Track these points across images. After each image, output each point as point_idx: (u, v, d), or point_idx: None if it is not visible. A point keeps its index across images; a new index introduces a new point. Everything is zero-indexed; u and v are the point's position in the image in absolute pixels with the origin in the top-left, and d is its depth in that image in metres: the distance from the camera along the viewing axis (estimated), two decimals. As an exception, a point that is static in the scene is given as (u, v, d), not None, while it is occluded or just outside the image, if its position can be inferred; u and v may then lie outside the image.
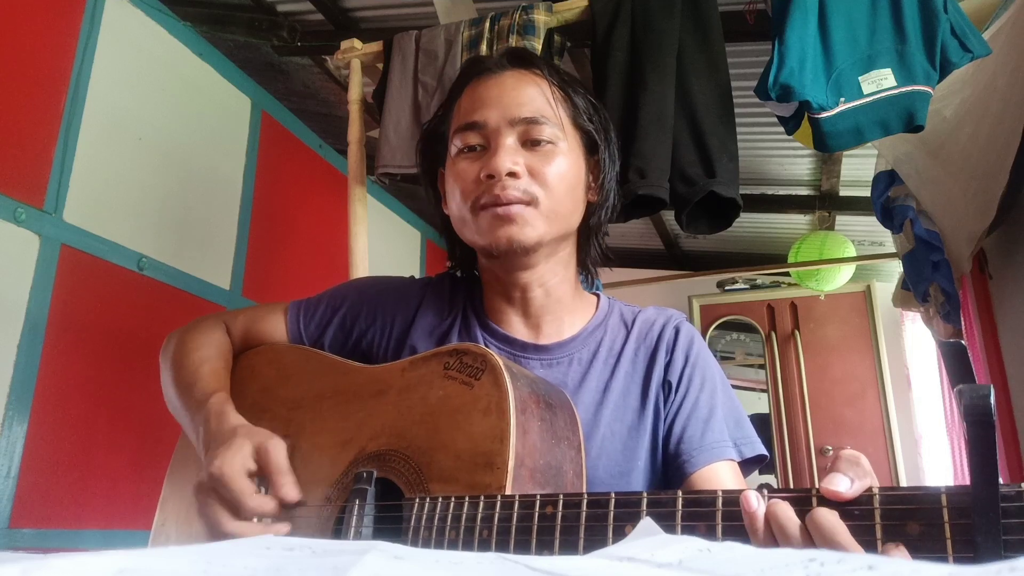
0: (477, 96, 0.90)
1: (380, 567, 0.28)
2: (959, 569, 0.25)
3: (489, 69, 0.92)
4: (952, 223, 1.91)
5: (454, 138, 0.90)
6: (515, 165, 0.84)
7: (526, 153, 0.86)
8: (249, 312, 1.05)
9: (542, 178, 0.85)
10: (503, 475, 0.68)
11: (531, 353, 0.91)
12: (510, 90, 0.88)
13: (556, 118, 0.88)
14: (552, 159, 0.86)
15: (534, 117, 0.86)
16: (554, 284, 0.92)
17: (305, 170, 2.84)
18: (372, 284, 1.05)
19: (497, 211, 0.84)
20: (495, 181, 0.84)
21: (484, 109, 0.88)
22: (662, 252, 3.84)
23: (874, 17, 1.33)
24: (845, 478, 0.51)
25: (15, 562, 0.25)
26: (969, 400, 0.47)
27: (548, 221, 0.86)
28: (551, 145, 0.87)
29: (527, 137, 0.86)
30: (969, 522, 0.46)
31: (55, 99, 1.83)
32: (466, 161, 0.88)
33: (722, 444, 0.85)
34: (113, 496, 1.88)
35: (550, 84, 0.90)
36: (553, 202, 0.86)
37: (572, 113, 0.91)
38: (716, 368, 0.93)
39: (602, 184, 0.94)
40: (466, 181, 0.87)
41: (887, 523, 0.49)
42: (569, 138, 0.89)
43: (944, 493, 0.48)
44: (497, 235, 0.84)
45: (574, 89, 0.92)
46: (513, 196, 0.83)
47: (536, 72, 0.91)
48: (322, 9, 2.27)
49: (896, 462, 3.37)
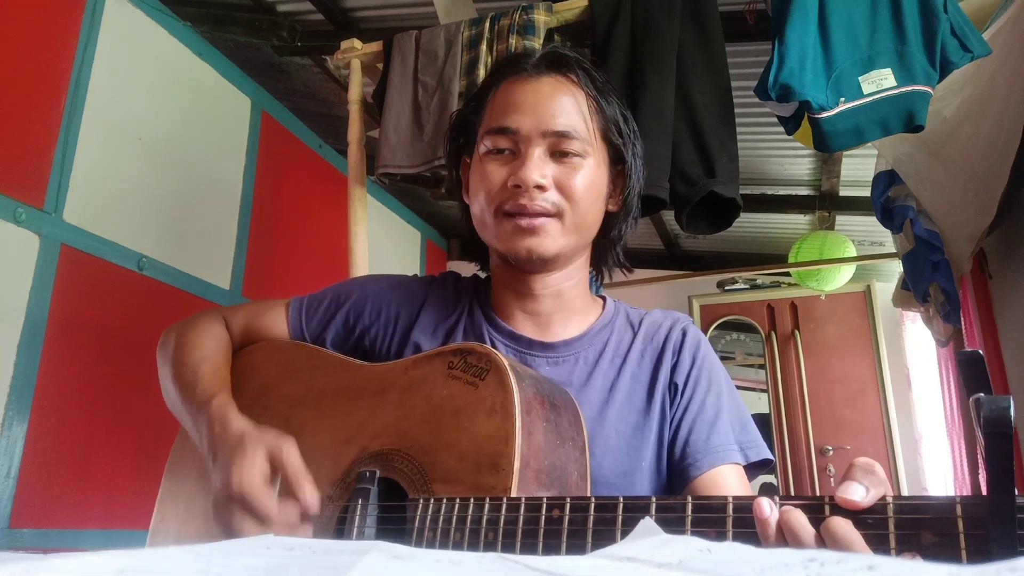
0: (511, 99, 0.89)
1: (380, 567, 0.28)
2: (959, 569, 0.25)
3: (526, 71, 0.91)
4: (952, 223, 1.91)
5: (484, 138, 0.90)
6: (543, 178, 0.84)
7: (554, 165, 0.86)
8: (249, 308, 1.04)
9: (569, 191, 0.85)
10: (508, 477, 0.67)
11: (537, 351, 0.91)
12: (545, 98, 0.88)
13: (587, 132, 0.88)
14: (579, 172, 0.86)
15: (566, 131, 0.86)
16: (566, 288, 0.93)
17: (305, 170, 2.84)
18: (375, 281, 1.04)
19: (521, 223, 0.84)
20: (522, 191, 0.84)
21: (517, 115, 0.87)
22: (662, 252, 3.84)
23: (874, 17, 1.33)
24: (861, 487, 0.51)
25: (15, 562, 0.25)
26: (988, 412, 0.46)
27: (569, 234, 0.86)
28: (579, 159, 0.87)
29: (556, 148, 0.86)
30: (984, 532, 0.46)
31: (55, 99, 1.83)
32: (494, 163, 0.88)
33: (727, 448, 0.85)
34: (113, 496, 1.88)
35: (585, 94, 0.90)
36: (577, 215, 0.86)
37: (603, 127, 0.90)
38: (722, 371, 0.93)
39: (626, 196, 0.93)
40: (492, 184, 0.87)
41: (901, 532, 0.49)
42: (597, 151, 0.89)
43: (959, 503, 0.48)
44: (518, 245, 0.85)
45: (607, 99, 0.92)
46: (539, 208, 0.84)
47: (572, 79, 0.90)
48: (322, 9, 2.27)
49: (896, 462, 3.36)
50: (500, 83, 0.92)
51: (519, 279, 0.92)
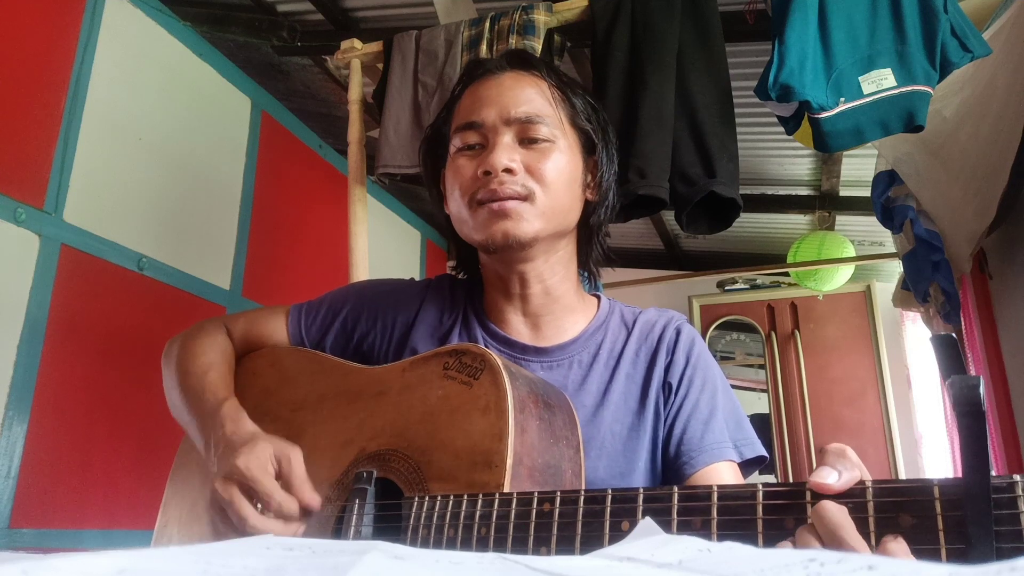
0: (476, 96, 0.91)
1: (380, 567, 0.28)
2: (959, 569, 0.25)
3: (489, 71, 0.93)
4: (952, 223, 1.91)
5: (453, 137, 0.91)
6: (511, 162, 0.85)
7: (523, 151, 0.87)
8: (250, 315, 1.05)
9: (539, 174, 0.86)
10: (501, 473, 0.68)
11: (531, 355, 0.92)
12: (508, 90, 0.89)
13: (554, 117, 0.89)
14: (548, 156, 0.87)
15: (531, 116, 0.87)
16: (554, 283, 0.93)
17: (305, 170, 2.84)
18: (373, 287, 1.05)
19: (493, 206, 0.85)
20: (492, 177, 0.85)
21: (482, 108, 0.89)
22: (662, 252, 3.84)
23: (874, 17, 1.33)
24: (833, 471, 0.51)
25: (15, 562, 0.26)
26: (959, 391, 0.47)
27: (544, 217, 0.86)
28: (548, 143, 0.88)
29: (524, 135, 0.87)
30: (961, 514, 0.46)
31: (55, 99, 1.83)
32: (464, 159, 0.89)
33: (722, 445, 0.85)
34: (113, 496, 1.88)
35: (549, 85, 0.91)
36: (549, 198, 0.86)
37: (570, 113, 0.92)
38: (716, 369, 0.93)
39: (600, 182, 0.94)
40: (464, 178, 0.88)
41: (880, 515, 0.49)
42: (567, 137, 0.90)
43: (936, 485, 0.48)
44: (493, 230, 0.85)
45: (573, 90, 0.94)
46: (509, 191, 0.84)
47: (535, 73, 0.92)
48: (322, 9, 2.27)
49: (896, 462, 3.36)
50: (465, 88, 0.95)
51: (505, 272, 0.92)
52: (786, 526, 0.52)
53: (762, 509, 0.53)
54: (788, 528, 0.52)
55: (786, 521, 0.52)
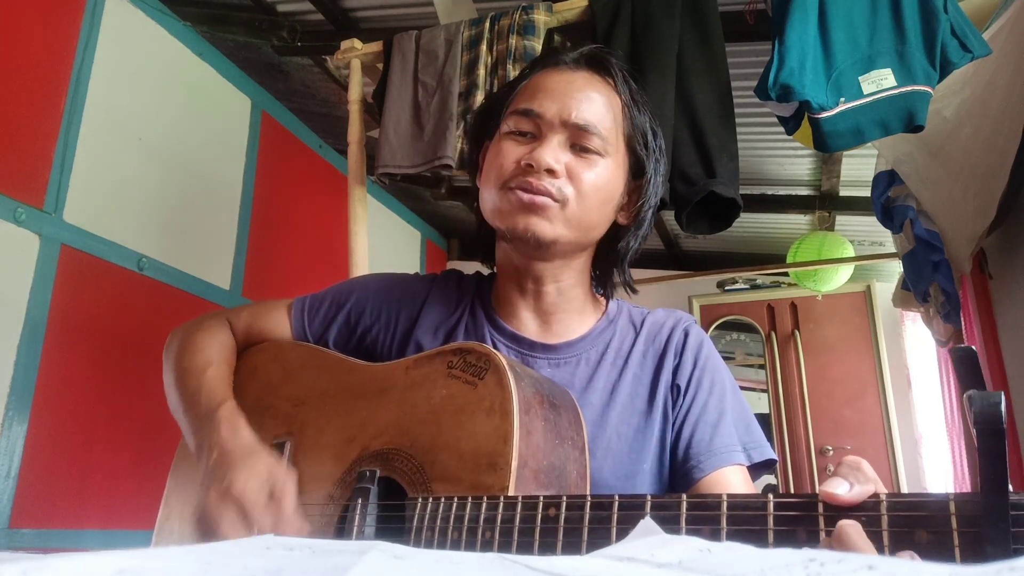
0: (542, 85, 0.89)
1: (380, 567, 0.28)
2: (959, 569, 0.25)
3: (564, 63, 0.91)
4: (952, 223, 1.91)
5: (508, 118, 0.89)
6: (556, 164, 0.83)
7: (571, 155, 0.85)
8: (252, 308, 1.04)
9: (578, 182, 0.84)
10: (506, 476, 0.67)
11: (539, 352, 0.91)
12: (576, 91, 0.87)
13: (611, 132, 0.87)
14: (593, 168, 0.85)
15: (589, 125, 0.85)
16: (568, 285, 0.92)
17: (305, 170, 2.84)
18: (377, 280, 1.04)
19: (523, 197, 0.83)
20: (532, 171, 0.83)
21: (545, 100, 0.87)
22: (662, 252, 3.84)
23: (874, 17, 1.33)
24: (844, 482, 0.51)
25: (15, 562, 0.25)
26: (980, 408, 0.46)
27: (569, 225, 0.85)
28: (597, 156, 0.86)
29: (576, 141, 0.86)
30: (978, 531, 0.45)
31: (55, 99, 1.83)
32: (512, 143, 0.87)
33: (731, 449, 0.84)
34: (113, 496, 1.88)
35: (619, 97, 0.89)
36: (581, 209, 0.85)
37: (629, 132, 0.89)
38: (725, 371, 0.92)
39: (639, 210, 0.92)
40: (506, 161, 0.86)
41: (895, 530, 0.48)
42: (617, 155, 0.88)
43: (952, 500, 0.47)
44: (516, 219, 0.84)
45: (639, 108, 0.91)
46: (544, 188, 0.83)
47: (608, 81, 0.90)
48: (322, 9, 2.27)
49: (896, 462, 3.36)
50: (536, 72, 0.92)
51: (522, 265, 0.90)
52: (798, 537, 0.51)
53: (773, 520, 0.52)
54: (800, 539, 0.51)
55: (798, 532, 0.51)
